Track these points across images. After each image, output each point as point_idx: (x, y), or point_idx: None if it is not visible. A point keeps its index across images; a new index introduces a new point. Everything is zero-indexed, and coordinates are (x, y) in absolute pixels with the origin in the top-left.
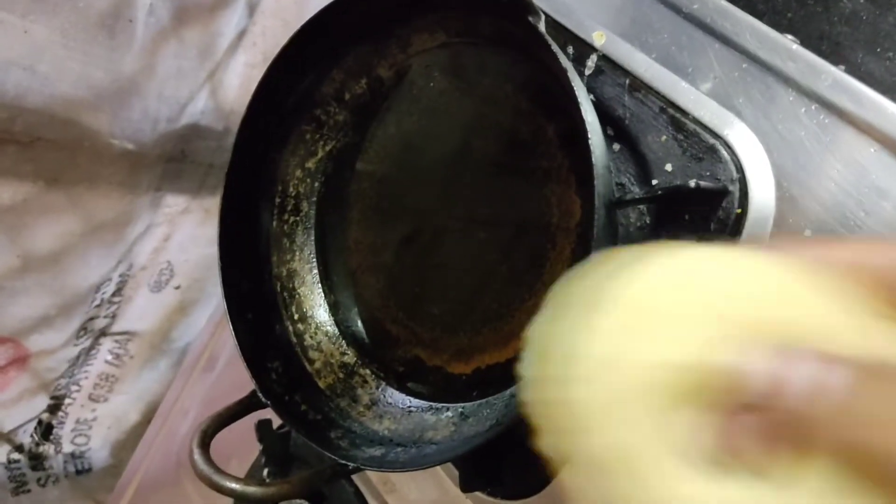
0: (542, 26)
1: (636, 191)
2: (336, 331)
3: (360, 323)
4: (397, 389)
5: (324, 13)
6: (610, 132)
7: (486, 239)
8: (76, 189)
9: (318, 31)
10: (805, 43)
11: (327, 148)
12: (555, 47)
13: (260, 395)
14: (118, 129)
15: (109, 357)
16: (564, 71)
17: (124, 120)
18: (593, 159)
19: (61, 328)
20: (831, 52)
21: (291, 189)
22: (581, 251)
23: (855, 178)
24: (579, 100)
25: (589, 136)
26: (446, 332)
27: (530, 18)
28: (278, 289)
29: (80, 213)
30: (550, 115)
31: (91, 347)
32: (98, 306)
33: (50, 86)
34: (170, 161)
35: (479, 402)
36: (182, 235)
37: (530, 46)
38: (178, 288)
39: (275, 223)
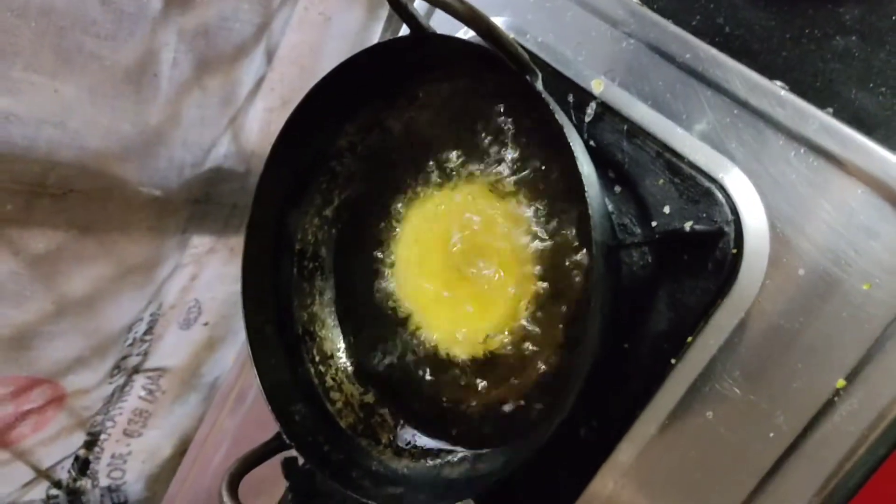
0: (539, 85)
1: (637, 232)
2: (355, 372)
3: (379, 362)
4: (414, 429)
5: (336, 73)
6: (612, 175)
7: None
8: (107, 236)
9: (332, 90)
10: (799, 80)
11: (343, 196)
12: (552, 105)
13: (285, 437)
14: (146, 178)
15: (143, 393)
16: (561, 127)
17: (151, 168)
18: (590, 211)
19: (96, 368)
20: (825, 88)
21: (310, 237)
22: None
23: (845, 219)
24: (576, 155)
25: (586, 188)
26: (462, 372)
27: (528, 77)
28: (300, 332)
29: (112, 258)
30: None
31: (125, 384)
32: (130, 345)
33: (80, 140)
34: (195, 204)
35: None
36: (209, 274)
37: (530, 102)
38: (206, 324)
39: (295, 270)
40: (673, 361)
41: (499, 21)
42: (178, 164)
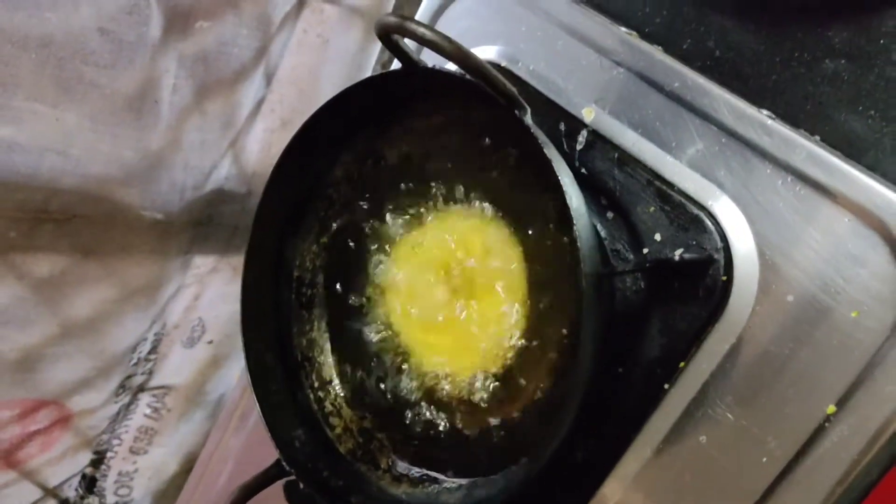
0: (528, 119)
1: (630, 258)
2: (352, 398)
3: (375, 388)
4: (412, 454)
5: (331, 105)
6: (604, 202)
7: None
8: (110, 259)
9: (327, 121)
10: (789, 103)
11: (339, 223)
12: (541, 138)
13: (284, 464)
14: (148, 202)
15: (148, 411)
16: (549, 161)
17: (153, 192)
18: (579, 244)
19: (101, 388)
20: (815, 111)
21: (308, 264)
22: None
23: (832, 246)
24: (565, 189)
25: (574, 221)
26: (455, 400)
27: (517, 112)
28: (299, 358)
29: (115, 281)
30: (544, 190)
31: (130, 403)
32: (135, 365)
33: (82, 167)
34: (197, 226)
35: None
36: (212, 293)
37: (520, 134)
38: (210, 343)
39: (293, 296)
40: (666, 386)
41: (491, 50)
42: (180, 188)
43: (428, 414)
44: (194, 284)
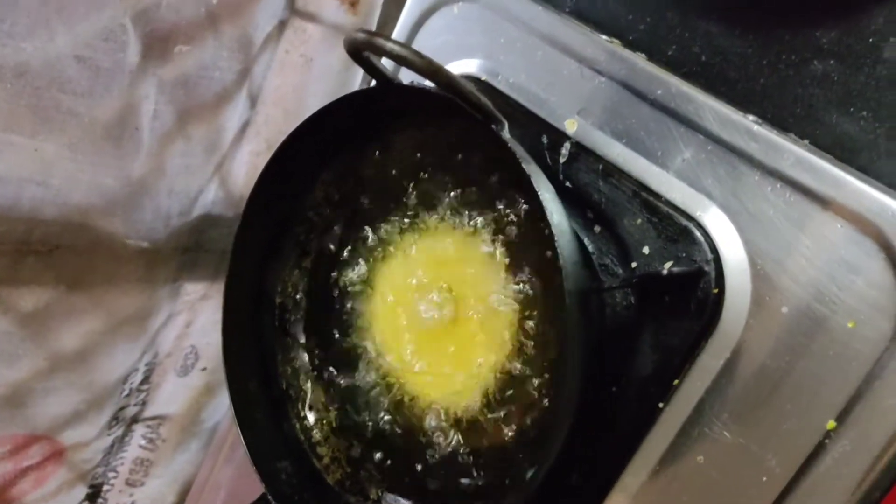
0: (505, 133)
1: (619, 272)
2: (341, 425)
3: (363, 415)
4: (401, 484)
5: (306, 126)
6: (590, 215)
7: None
8: (96, 290)
9: (304, 142)
10: (779, 106)
11: (320, 246)
12: (519, 153)
13: (270, 498)
14: (132, 230)
15: (143, 442)
16: (528, 176)
17: (137, 221)
18: (561, 261)
19: (93, 421)
20: (805, 114)
21: (290, 289)
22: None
23: (825, 254)
24: (544, 204)
25: (556, 238)
26: (442, 427)
27: (494, 126)
28: (284, 386)
29: (103, 311)
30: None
31: (124, 435)
32: (127, 396)
33: (63, 197)
34: (185, 252)
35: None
36: (203, 320)
37: (499, 148)
38: (204, 370)
39: (276, 323)
40: (661, 405)
41: (472, 63)
42: (165, 214)
43: (417, 441)
44: (185, 312)
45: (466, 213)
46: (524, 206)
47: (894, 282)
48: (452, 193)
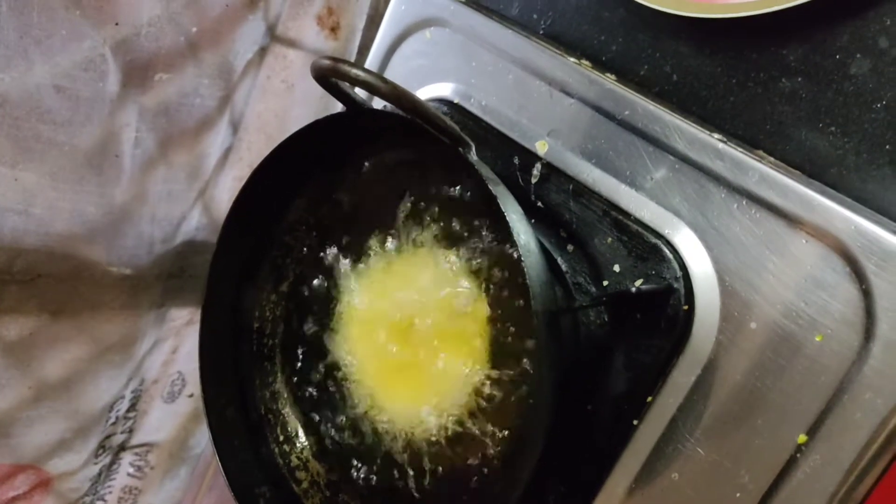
0: (472, 156)
1: (592, 290)
2: (320, 449)
3: (341, 439)
4: None
5: (278, 151)
6: (563, 234)
7: None
8: (80, 317)
9: (277, 168)
10: (749, 124)
11: (298, 270)
12: (485, 174)
13: None
14: (115, 257)
15: (131, 470)
16: (496, 198)
17: (120, 248)
18: (528, 281)
19: (79, 449)
20: (775, 131)
21: (267, 313)
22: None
23: (792, 269)
24: (511, 224)
25: (523, 258)
26: (418, 451)
27: (461, 150)
28: (262, 411)
29: (87, 338)
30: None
31: (112, 463)
32: (114, 424)
33: (45, 226)
34: (169, 279)
35: None
36: (190, 345)
37: (468, 170)
38: (191, 396)
39: (255, 347)
40: (635, 422)
41: (446, 87)
42: (148, 241)
43: (394, 464)
44: (171, 337)
45: (440, 235)
46: (495, 227)
47: (860, 296)
48: (427, 215)
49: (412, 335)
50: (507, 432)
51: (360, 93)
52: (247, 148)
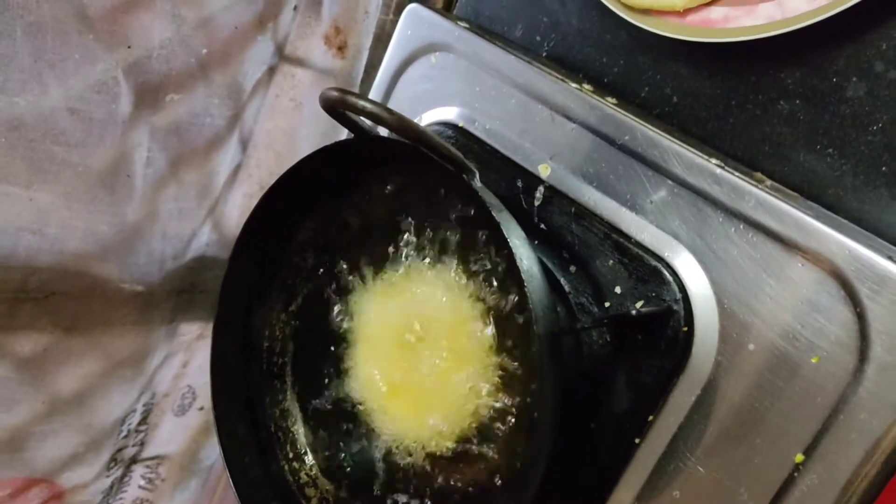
0: (476, 182)
1: (595, 311)
2: (329, 466)
3: (349, 456)
4: None
5: (288, 175)
6: (566, 255)
7: None
8: (93, 333)
9: (287, 191)
10: (748, 146)
11: (306, 290)
12: (489, 200)
13: None
14: (127, 275)
15: (142, 482)
16: (498, 225)
17: (132, 265)
18: (530, 304)
19: (91, 462)
20: (773, 152)
21: (277, 333)
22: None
23: (788, 292)
24: (514, 250)
25: (525, 283)
26: (425, 466)
27: (465, 176)
28: (273, 429)
29: (99, 354)
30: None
31: (123, 475)
32: (125, 437)
33: (59, 245)
34: (180, 294)
35: None
36: (200, 359)
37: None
38: (201, 409)
39: (265, 366)
40: (637, 441)
41: (451, 111)
42: (159, 258)
43: (401, 481)
44: (182, 352)
45: (447, 256)
46: (499, 251)
47: (854, 319)
48: (433, 238)
49: (418, 354)
50: (518, 450)
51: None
52: (256, 165)
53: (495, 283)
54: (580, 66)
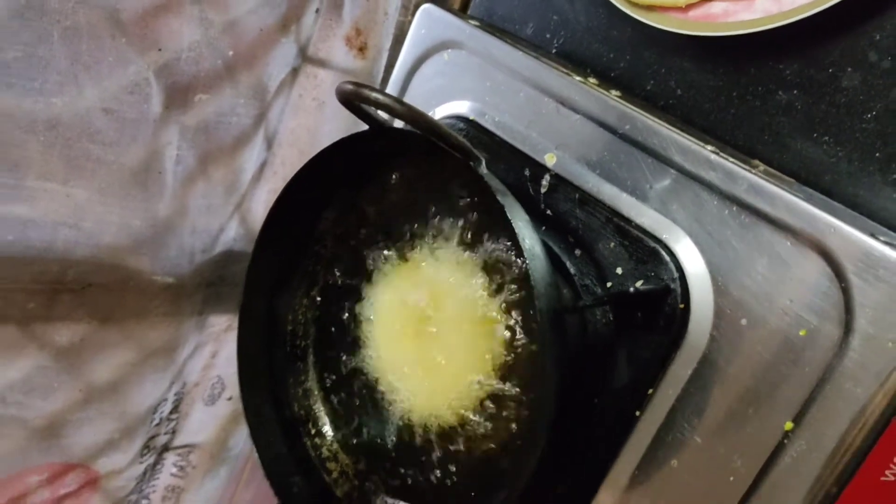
0: (483, 169)
1: (598, 292)
2: (348, 441)
3: (368, 431)
4: (403, 495)
5: (308, 167)
6: (571, 239)
7: None
8: (127, 324)
9: (307, 183)
10: (748, 135)
11: (327, 276)
12: (494, 186)
13: None
14: (159, 267)
15: (174, 470)
16: (502, 208)
17: (163, 258)
18: (533, 282)
19: (126, 449)
20: (773, 141)
21: (300, 317)
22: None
23: (778, 269)
24: (517, 231)
25: (528, 261)
26: (436, 442)
27: (472, 164)
28: (296, 408)
29: (133, 344)
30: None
31: (156, 463)
32: (158, 425)
33: (94, 238)
34: (209, 286)
35: None
36: (228, 350)
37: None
38: (230, 399)
39: (288, 349)
40: (637, 413)
41: (463, 105)
42: (189, 252)
43: (413, 455)
44: (211, 343)
45: (458, 242)
46: (509, 235)
47: (839, 293)
48: (446, 225)
49: (431, 334)
50: (525, 423)
51: (382, 112)
52: (280, 162)
53: (504, 268)
54: (588, 62)
